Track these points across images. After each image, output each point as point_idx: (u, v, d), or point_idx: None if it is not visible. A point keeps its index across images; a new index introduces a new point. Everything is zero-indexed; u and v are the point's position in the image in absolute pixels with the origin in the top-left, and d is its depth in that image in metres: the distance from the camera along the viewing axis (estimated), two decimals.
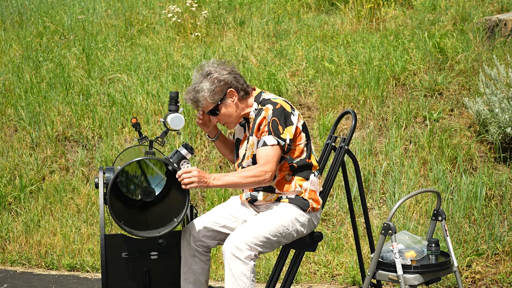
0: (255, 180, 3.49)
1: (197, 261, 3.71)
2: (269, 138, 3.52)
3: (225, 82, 3.59)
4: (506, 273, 4.59)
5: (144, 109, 6.46)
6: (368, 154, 5.64)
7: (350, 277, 4.76)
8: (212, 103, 3.61)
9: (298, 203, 3.61)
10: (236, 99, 3.63)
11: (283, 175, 3.62)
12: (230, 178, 3.49)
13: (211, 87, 3.58)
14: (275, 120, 3.53)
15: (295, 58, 6.88)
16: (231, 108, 3.63)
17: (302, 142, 3.62)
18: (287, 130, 3.55)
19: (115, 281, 3.81)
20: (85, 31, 8.38)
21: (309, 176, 3.64)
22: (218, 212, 3.79)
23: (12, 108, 6.94)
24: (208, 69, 3.63)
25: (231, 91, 3.61)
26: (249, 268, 3.44)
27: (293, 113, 3.61)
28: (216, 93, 3.59)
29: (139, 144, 3.76)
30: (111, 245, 3.79)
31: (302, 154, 3.63)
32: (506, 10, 7.02)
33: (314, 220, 3.68)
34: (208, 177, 3.46)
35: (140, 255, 3.82)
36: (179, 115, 3.63)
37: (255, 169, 3.50)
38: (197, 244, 3.70)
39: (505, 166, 5.35)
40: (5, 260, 5.53)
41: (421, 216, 5.11)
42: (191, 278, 3.71)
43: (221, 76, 3.60)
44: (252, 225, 3.54)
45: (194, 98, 3.61)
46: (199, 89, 3.60)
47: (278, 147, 3.52)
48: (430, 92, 6.05)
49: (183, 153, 3.59)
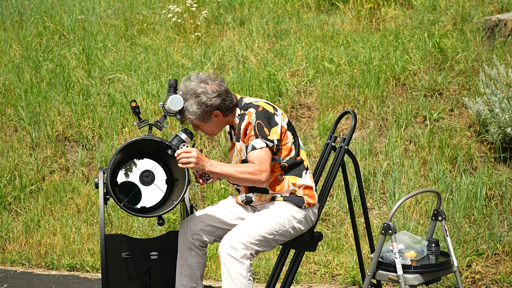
0: (250, 178, 3.51)
1: (193, 254, 3.72)
2: (257, 141, 3.55)
3: (212, 106, 3.61)
4: (506, 273, 4.59)
5: (144, 109, 6.46)
6: (368, 154, 5.65)
7: (350, 277, 4.76)
8: (197, 122, 3.66)
9: (293, 200, 3.63)
10: (221, 117, 3.67)
11: (275, 176, 3.64)
12: (227, 168, 3.52)
13: (197, 110, 3.60)
14: (260, 123, 3.56)
15: (295, 58, 6.88)
16: (214, 125, 3.69)
17: (289, 141, 3.65)
18: (272, 131, 3.57)
19: (115, 281, 3.81)
20: (85, 31, 8.38)
21: (301, 173, 3.67)
22: (217, 208, 3.81)
23: (12, 108, 6.94)
24: (198, 91, 3.60)
25: (216, 112, 3.64)
26: (245, 267, 3.46)
27: (276, 113, 3.63)
28: (202, 116, 3.62)
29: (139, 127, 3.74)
30: (111, 245, 3.79)
31: (291, 152, 3.65)
32: (506, 10, 7.02)
33: (311, 216, 3.69)
34: (206, 161, 3.51)
35: (140, 255, 3.82)
36: (178, 96, 3.61)
37: (252, 167, 3.51)
38: (194, 237, 3.71)
39: (505, 166, 5.35)
40: (5, 260, 5.53)
41: (421, 216, 5.11)
42: (187, 272, 3.73)
43: (209, 101, 3.59)
44: (248, 224, 3.56)
45: (182, 118, 3.67)
46: (184, 109, 3.61)
47: (267, 149, 3.55)
48: (430, 92, 6.05)
49: (183, 138, 3.61)
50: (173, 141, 3.60)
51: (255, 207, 3.76)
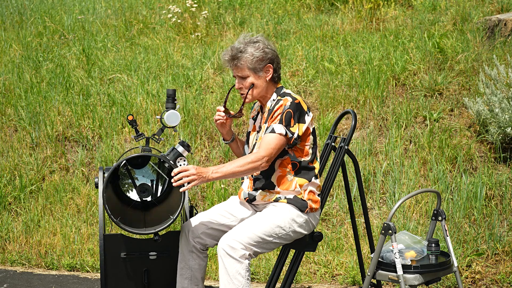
0: (252, 166, 3.48)
1: (194, 257, 3.71)
2: (278, 126, 3.53)
3: (269, 57, 3.62)
4: (506, 273, 4.59)
5: (144, 109, 6.46)
6: (368, 154, 5.65)
7: (350, 277, 4.76)
8: (249, 67, 3.61)
9: (296, 203, 3.62)
10: (269, 77, 3.64)
11: (285, 172, 3.62)
12: (228, 168, 3.47)
13: (255, 52, 3.58)
14: (289, 112, 3.54)
15: (295, 58, 6.88)
16: (261, 81, 3.63)
17: (309, 144, 3.64)
18: (298, 125, 3.56)
19: (114, 281, 3.81)
20: (85, 31, 8.38)
21: (311, 178, 3.65)
22: (217, 210, 3.80)
23: (12, 108, 6.94)
24: (257, 39, 3.65)
25: (269, 66, 3.62)
26: (244, 267, 3.46)
27: (308, 114, 3.63)
28: (257, 61, 3.59)
29: (136, 140, 3.74)
30: (110, 245, 3.79)
31: (307, 156, 3.64)
32: (506, 10, 7.02)
33: (312, 220, 3.68)
34: (206, 171, 3.45)
35: (139, 255, 3.82)
36: (175, 112, 3.64)
37: (252, 155, 3.50)
38: (195, 240, 3.70)
39: (505, 166, 5.35)
40: (5, 260, 5.53)
41: (421, 216, 5.11)
42: (188, 274, 3.72)
43: (267, 48, 3.62)
44: (248, 224, 3.55)
45: (236, 55, 3.60)
46: (243, 50, 3.59)
47: (284, 138, 3.53)
48: (430, 92, 6.05)
49: (179, 151, 3.59)
50: (169, 155, 3.58)
51: (257, 207, 3.75)
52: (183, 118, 6.29)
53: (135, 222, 3.68)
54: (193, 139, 6.16)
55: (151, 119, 6.36)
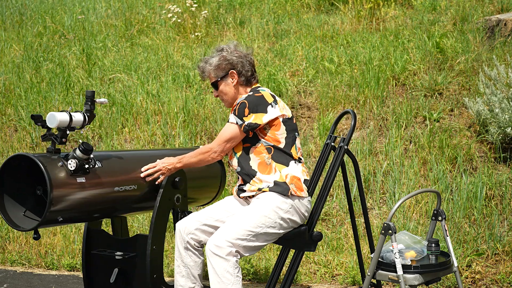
0: (202, 157, 3.77)
1: (190, 254, 3.74)
2: (231, 116, 3.71)
3: (229, 63, 3.80)
4: (506, 273, 4.59)
5: (144, 109, 6.46)
6: (368, 154, 5.65)
7: (350, 277, 4.76)
8: (214, 76, 3.83)
9: (278, 189, 3.65)
10: (236, 82, 3.82)
11: (263, 158, 3.69)
12: (186, 158, 3.80)
13: (217, 62, 3.81)
14: (244, 103, 3.69)
15: (295, 58, 6.88)
16: (229, 87, 3.81)
17: (280, 133, 3.70)
18: (255, 115, 3.66)
19: (92, 276, 3.96)
20: (85, 31, 8.38)
21: (288, 163, 3.70)
22: (213, 208, 3.85)
23: (12, 108, 6.94)
24: (223, 47, 3.88)
25: (232, 72, 3.80)
26: (231, 265, 3.50)
27: (273, 105, 3.70)
28: (219, 69, 3.81)
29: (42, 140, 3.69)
30: (91, 240, 3.94)
31: (279, 144, 3.70)
32: (506, 10, 7.02)
33: (300, 207, 3.68)
34: (172, 163, 3.79)
35: (108, 254, 3.87)
36: (54, 114, 3.58)
37: (204, 147, 3.79)
38: (189, 237, 3.73)
39: (505, 166, 5.35)
40: (5, 260, 5.53)
41: (421, 216, 5.11)
42: (184, 272, 3.75)
43: (228, 56, 3.81)
44: (233, 222, 3.60)
45: (202, 67, 3.87)
46: (207, 61, 3.86)
47: (236, 126, 3.68)
48: (430, 92, 6.05)
49: (76, 154, 3.56)
50: (67, 156, 3.57)
51: (248, 200, 3.78)
52: (183, 118, 6.29)
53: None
54: (193, 139, 6.16)
55: (151, 119, 6.36)
